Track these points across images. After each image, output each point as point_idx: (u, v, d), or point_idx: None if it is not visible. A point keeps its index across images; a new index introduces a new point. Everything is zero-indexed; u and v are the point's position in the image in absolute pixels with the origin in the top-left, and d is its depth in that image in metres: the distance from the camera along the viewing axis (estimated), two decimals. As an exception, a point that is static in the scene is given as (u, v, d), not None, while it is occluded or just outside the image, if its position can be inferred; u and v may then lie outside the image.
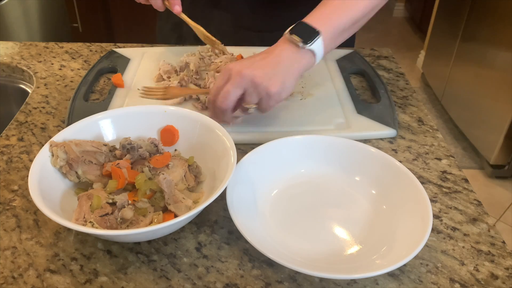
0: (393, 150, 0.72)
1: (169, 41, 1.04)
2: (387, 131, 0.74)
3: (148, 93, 0.81)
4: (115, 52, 0.95)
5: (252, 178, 0.62)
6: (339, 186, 0.64)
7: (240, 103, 0.69)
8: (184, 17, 0.84)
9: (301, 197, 0.63)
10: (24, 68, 0.92)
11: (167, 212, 0.56)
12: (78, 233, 0.57)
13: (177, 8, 0.80)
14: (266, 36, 0.98)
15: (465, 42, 2.30)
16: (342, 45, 1.00)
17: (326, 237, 0.57)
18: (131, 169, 0.60)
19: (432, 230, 0.59)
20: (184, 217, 0.50)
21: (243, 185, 0.59)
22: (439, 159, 0.71)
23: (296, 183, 0.65)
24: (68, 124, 0.73)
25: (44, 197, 0.52)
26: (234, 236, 0.57)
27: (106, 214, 0.53)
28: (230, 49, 0.92)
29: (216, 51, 0.90)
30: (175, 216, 0.55)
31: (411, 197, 0.58)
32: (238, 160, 0.60)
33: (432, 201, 0.63)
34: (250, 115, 0.74)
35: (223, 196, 0.55)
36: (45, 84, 0.87)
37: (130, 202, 0.55)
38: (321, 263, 0.54)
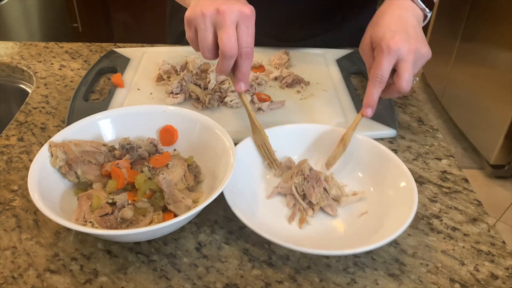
0: (393, 150, 0.72)
1: (181, 42, 1.05)
2: (387, 131, 0.74)
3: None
4: (115, 52, 0.95)
5: (246, 164, 0.63)
6: (328, 171, 0.66)
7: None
8: (244, 99, 0.67)
9: None
10: (24, 68, 0.92)
11: (167, 212, 0.56)
12: (78, 233, 0.57)
13: (241, 87, 0.66)
14: (288, 46, 0.98)
15: (465, 42, 2.30)
16: (355, 45, 1.01)
17: (314, 218, 0.60)
18: (131, 169, 0.60)
19: (432, 230, 0.59)
20: (184, 217, 0.50)
21: (238, 170, 0.60)
22: (439, 159, 0.71)
23: None
24: (68, 124, 0.73)
25: (44, 197, 0.52)
26: (234, 236, 0.57)
27: (106, 214, 0.53)
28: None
29: None
30: (175, 215, 0.55)
31: (396, 177, 0.60)
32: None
33: (432, 201, 0.63)
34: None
35: (222, 196, 0.55)
36: (45, 84, 0.87)
37: (130, 202, 0.55)
38: (308, 243, 0.55)
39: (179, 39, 1.05)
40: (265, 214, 0.59)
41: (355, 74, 0.93)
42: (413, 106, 0.83)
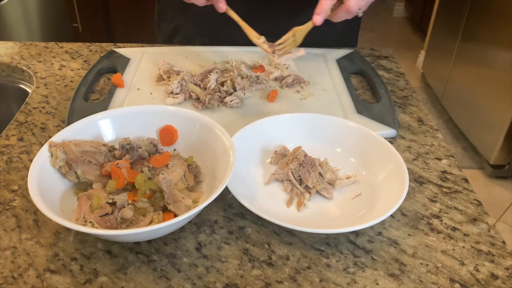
0: (393, 150, 0.72)
1: (169, 43, 1.04)
2: (387, 131, 0.74)
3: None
4: (115, 52, 0.95)
5: (244, 152, 0.65)
6: (322, 157, 0.67)
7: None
8: (232, 14, 0.76)
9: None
10: (24, 68, 0.92)
11: (167, 211, 0.56)
12: (78, 233, 0.57)
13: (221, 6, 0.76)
14: (275, 24, 0.97)
15: (465, 42, 2.30)
16: (344, 45, 1.00)
17: (311, 201, 0.62)
18: (131, 169, 0.60)
19: (432, 230, 0.59)
20: (184, 217, 0.50)
21: (237, 159, 0.61)
22: (439, 159, 0.71)
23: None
24: (68, 124, 0.73)
25: (44, 197, 0.52)
26: (234, 236, 0.57)
27: (106, 214, 0.53)
28: (237, 49, 0.94)
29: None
30: (175, 215, 0.55)
31: (387, 161, 0.64)
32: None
33: (432, 201, 0.63)
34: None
35: (223, 196, 0.55)
36: (45, 84, 0.87)
37: (130, 202, 0.55)
38: (307, 224, 0.57)
39: (169, 41, 1.05)
40: (264, 199, 0.62)
41: (355, 74, 0.93)
42: (413, 106, 0.83)
